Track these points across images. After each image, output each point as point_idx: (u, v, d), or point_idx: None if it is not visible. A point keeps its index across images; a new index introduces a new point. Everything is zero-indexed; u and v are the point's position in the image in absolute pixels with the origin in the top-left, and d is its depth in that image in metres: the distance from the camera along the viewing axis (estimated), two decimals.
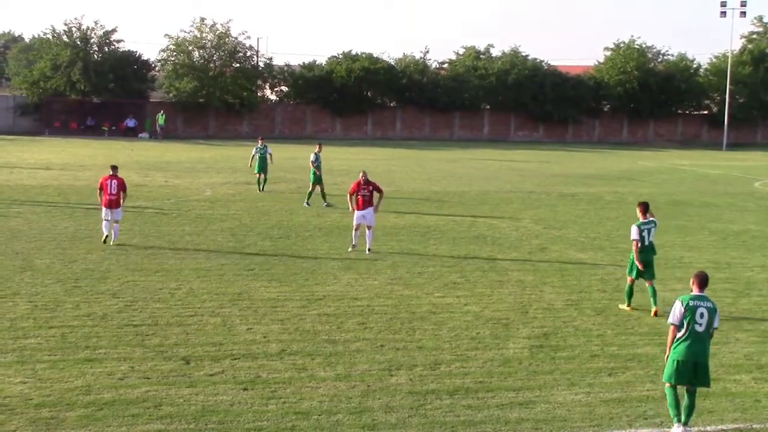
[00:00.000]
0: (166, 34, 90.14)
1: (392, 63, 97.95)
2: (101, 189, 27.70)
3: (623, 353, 17.54)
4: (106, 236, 27.30)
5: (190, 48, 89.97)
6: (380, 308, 20.43)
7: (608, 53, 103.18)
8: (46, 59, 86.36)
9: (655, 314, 20.29)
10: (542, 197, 43.72)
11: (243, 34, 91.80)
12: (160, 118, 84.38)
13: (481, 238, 30.60)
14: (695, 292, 14.06)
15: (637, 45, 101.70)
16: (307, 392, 14.69)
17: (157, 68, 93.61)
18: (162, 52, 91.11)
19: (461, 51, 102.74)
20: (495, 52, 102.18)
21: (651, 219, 21.30)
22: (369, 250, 27.17)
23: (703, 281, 14.16)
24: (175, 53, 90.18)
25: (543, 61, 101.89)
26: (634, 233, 20.91)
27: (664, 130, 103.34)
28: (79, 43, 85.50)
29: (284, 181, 47.13)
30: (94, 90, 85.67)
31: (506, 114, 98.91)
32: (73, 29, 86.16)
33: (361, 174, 27.92)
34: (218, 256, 26.03)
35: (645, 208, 21.31)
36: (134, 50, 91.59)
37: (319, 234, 30.48)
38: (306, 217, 34.29)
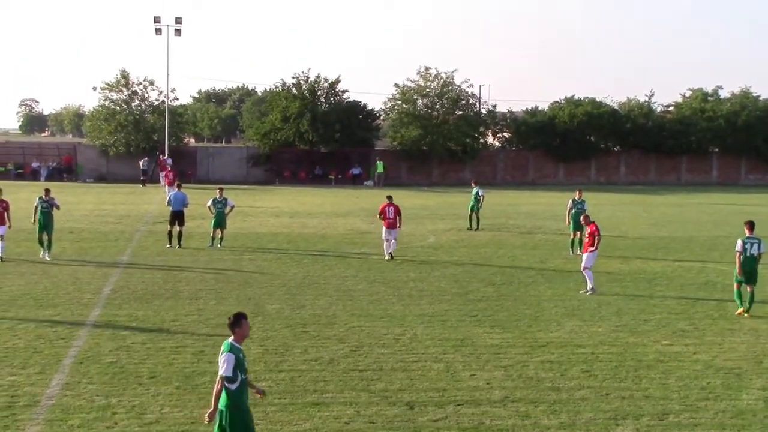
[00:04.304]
0: (395, 84, 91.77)
1: (615, 107, 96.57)
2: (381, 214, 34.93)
3: None
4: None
5: (415, 96, 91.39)
6: (605, 356, 20.07)
7: None
8: (276, 111, 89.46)
9: (742, 313, 24.60)
10: None
11: (466, 82, 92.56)
12: (379, 166, 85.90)
13: (711, 285, 29.62)
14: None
15: None
16: None
17: (381, 117, 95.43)
18: (387, 101, 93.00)
19: (687, 93, 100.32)
20: (724, 94, 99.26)
21: (755, 236, 25.03)
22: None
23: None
24: (400, 102, 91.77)
25: None
26: (738, 246, 24.92)
27: None
28: (307, 95, 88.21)
29: (506, 228, 47.04)
30: (321, 140, 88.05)
31: (736, 156, 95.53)
32: (302, 82, 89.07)
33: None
34: (441, 302, 26.22)
35: (751, 226, 25.26)
36: (358, 100, 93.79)
37: (542, 280, 30.25)
38: (529, 263, 34.10)
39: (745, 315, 24.53)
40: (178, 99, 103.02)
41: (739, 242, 24.96)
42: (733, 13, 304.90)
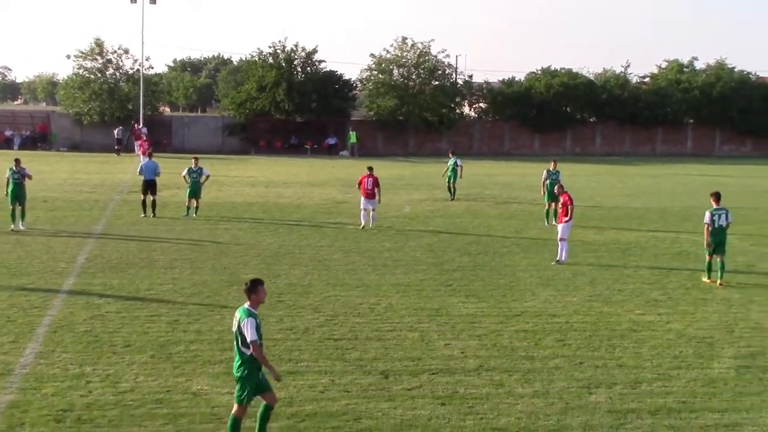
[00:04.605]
0: (371, 54, 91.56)
1: (592, 78, 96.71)
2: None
3: None
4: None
5: (391, 67, 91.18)
6: (579, 325, 20.19)
7: None
8: (252, 81, 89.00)
9: (720, 285, 24.57)
10: (750, 213, 42.19)
11: (442, 52, 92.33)
12: (352, 136, 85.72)
13: (684, 255, 29.81)
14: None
15: None
16: (505, 409, 14.65)
17: (358, 87, 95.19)
18: (364, 71, 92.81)
19: (663, 64, 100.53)
20: (699, 65, 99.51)
21: (722, 207, 25.41)
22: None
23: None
24: (376, 72, 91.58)
25: (751, 73, 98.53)
26: (706, 218, 25.44)
27: None
28: (283, 64, 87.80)
29: (482, 198, 47.13)
30: (297, 109, 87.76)
31: (711, 128, 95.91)
32: (278, 51, 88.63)
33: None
34: (417, 271, 26.28)
35: (718, 197, 25.65)
36: (335, 70, 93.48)
37: (517, 250, 30.35)
38: (504, 233, 34.20)
39: (719, 284, 24.76)
40: (153, 68, 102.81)
41: (707, 214, 25.50)
42: None
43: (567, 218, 28.12)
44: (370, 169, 36.11)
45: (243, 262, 27.34)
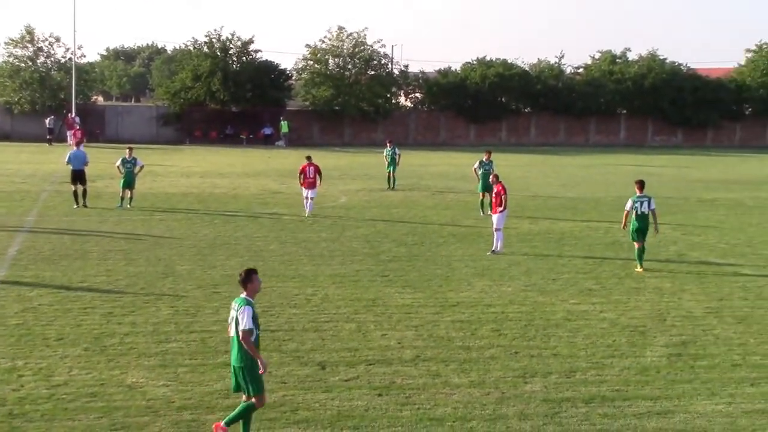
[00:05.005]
0: (306, 44, 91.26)
1: (527, 68, 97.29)
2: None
3: (766, 363, 17.06)
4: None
5: (327, 57, 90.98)
6: (514, 315, 20.34)
7: (750, 55, 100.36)
8: (187, 70, 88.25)
9: (640, 269, 25.50)
10: (680, 203, 42.84)
11: (378, 42, 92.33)
12: (284, 126, 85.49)
13: (618, 245, 30.14)
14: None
15: None
16: (442, 399, 14.71)
17: (294, 77, 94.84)
18: (300, 61, 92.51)
19: (597, 55, 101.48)
20: (632, 56, 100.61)
21: (645, 195, 25.87)
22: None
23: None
24: (312, 62, 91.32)
25: (681, 64, 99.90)
26: (627, 205, 26.11)
27: None
28: (218, 53, 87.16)
29: (418, 188, 47.25)
30: (232, 99, 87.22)
31: (643, 118, 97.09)
32: (213, 40, 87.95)
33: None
34: (353, 262, 26.29)
35: (641, 185, 26.16)
36: (271, 60, 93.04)
37: (453, 240, 30.49)
38: (440, 223, 34.33)
39: (638, 270, 25.62)
40: (85, 56, 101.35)
41: (629, 201, 26.17)
42: None
43: (501, 208, 28.26)
44: (309, 158, 36.62)
45: (179, 253, 27.13)
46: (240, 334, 12.40)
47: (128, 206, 36.92)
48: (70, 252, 26.88)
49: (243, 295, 12.72)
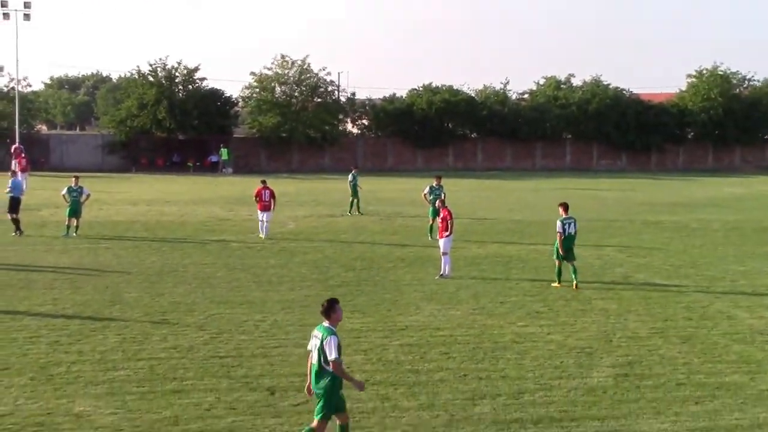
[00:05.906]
0: (251, 72, 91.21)
1: (472, 94, 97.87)
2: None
3: (710, 381, 17.31)
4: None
5: (273, 84, 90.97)
6: (463, 338, 20.44)
7: (691, 80, 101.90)
8: (132, 98, 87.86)
9: (576, 287, 26.21)
10: (626, 225, 43.31)
11: (323, 69, 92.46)
12: (224, 153, 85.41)
13: (564, 267, 30.39)
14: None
15: (721, 71, 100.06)
16: (391, 422, 14.76)
17: (240, 104, 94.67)
18: (246, 89, 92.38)
19: (542, 81, 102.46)
20: (576, 82, 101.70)
21: (570, 216, 26.90)
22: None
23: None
24: (258, 89, 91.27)
25: (624, 90, 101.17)
26: (558, 227, 26.86)
27: (752, 156, 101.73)
28: (164, 82, 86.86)
29: (367, 214, 47.31)
30: (179, 127, 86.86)
31: (588, 143, 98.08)
32: (158, 69, 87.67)
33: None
34: (302, 287, 26.28)
35: (566, 207, 27.20)
36: (217, 88, 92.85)
37: (402, 265, 30.58)
38: (388, 248, 34.41)
39: (575, 287, 26.41)
40: (30, 86, 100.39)
41: (559, 223, 27.03)
42: (582, 2, 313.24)
43: (447, 233, 28.46)
44: (264, 182, 39.18)
45: (126, 281, 26.95)
46: (331, 365, 12.76)
47: (74, 234, 36.62)
48: (14, 281, 26.60)
49: (326, 324, 12.99)
